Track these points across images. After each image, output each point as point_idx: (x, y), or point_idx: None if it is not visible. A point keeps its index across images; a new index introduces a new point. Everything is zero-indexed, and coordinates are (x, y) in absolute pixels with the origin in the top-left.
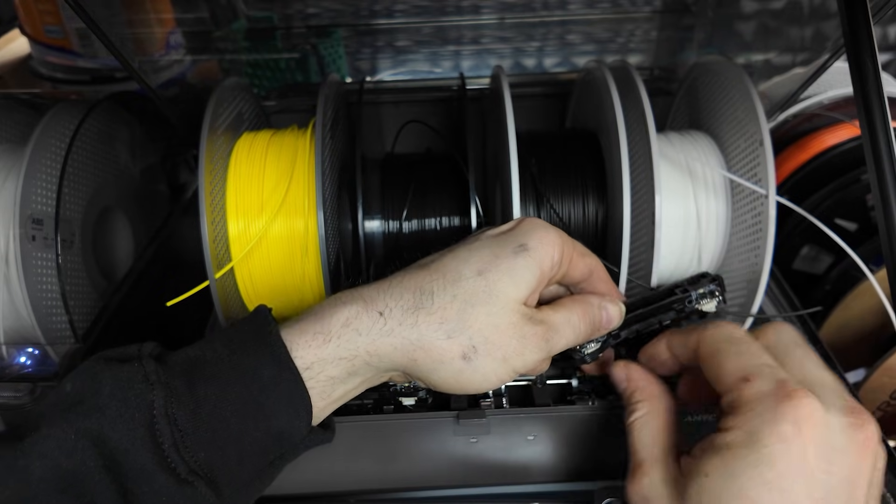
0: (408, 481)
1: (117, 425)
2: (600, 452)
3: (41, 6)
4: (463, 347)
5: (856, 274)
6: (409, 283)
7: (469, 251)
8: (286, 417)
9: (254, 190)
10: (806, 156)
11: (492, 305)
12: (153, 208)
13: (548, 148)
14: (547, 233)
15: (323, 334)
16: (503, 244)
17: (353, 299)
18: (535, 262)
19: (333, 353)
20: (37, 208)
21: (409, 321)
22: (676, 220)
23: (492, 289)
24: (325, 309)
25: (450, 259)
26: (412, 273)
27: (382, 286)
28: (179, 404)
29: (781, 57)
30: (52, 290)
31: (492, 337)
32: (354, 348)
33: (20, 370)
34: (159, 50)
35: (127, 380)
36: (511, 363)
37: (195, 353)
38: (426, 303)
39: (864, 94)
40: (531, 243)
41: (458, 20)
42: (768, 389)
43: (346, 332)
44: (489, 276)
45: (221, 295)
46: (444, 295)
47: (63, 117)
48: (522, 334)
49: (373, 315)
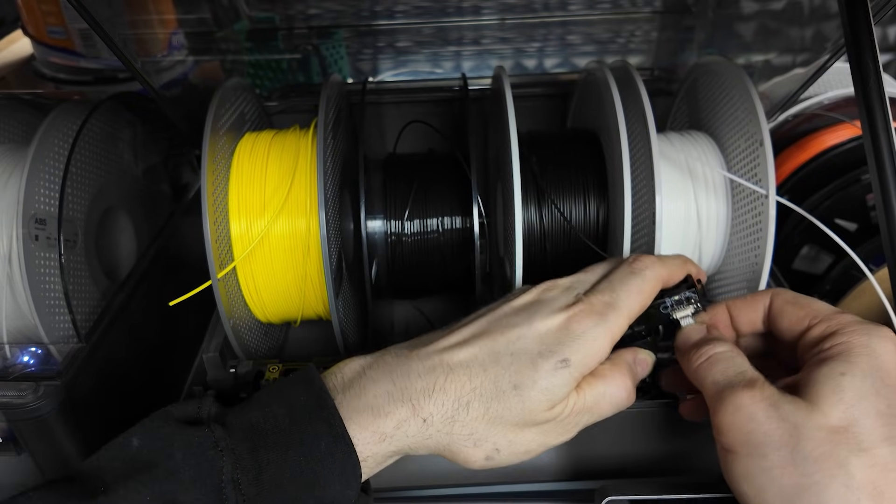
0: (408, 480)
1: (190, 490)
2: (601, 451)
3: (44, 7)
4: (486, 452)
5: (856, 274)
6: (450, 389)
7: (510, 350)
8: (339, 487)
9: (256, 190)
10: (806, 156)
11: (522, 417)
12: (156, 208)
13: (549, 148)
14: (595, 343)
15: (380, 434)
16: (546, 355)
17: (403, 399)
18: (574, 378)
19: (386, 450)
20: (40, 208)
21: (445, 430)
22: (677, 219)
23: (525, 405)
24: (381, 406)
25: (490, 355)
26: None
27: (428, 385)
28: (244, 470)
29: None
30: (55, 289)
31: (516, 439)
32: (401, 446)
33: (23, 369)
34: (162, 50)
35: (198, 445)
36: (534, 452)
37: (256, 419)
38: (461, 415)
39: (865, 95)
40: (574, 358)
41: (458, 21)
42: (858, 319)
43: (398, 433)
44: (524, 394)
45: (224, 295)
46: (478, 406)
47: (66, 117)
48: (546, 428)
49: (419, 422)
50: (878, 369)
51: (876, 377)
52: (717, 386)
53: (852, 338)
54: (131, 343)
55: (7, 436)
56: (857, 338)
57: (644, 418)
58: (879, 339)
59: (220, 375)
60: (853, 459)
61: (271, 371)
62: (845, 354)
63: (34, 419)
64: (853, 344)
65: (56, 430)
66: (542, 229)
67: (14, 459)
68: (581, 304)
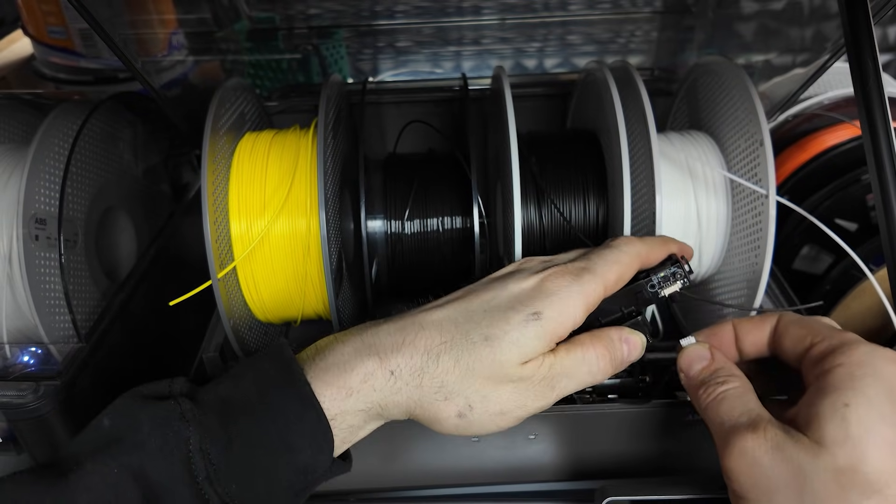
0: (409, 480)
1: (157, 461)
2: (601, 451)
3: (44, 7)
4: (458, 407)
5: (856, 274)
6: (420, 343)
7: (483, 308)
8: (311, 452)
9: (256, 190)
10: (806, 156)
11: (494, 374)
12: (156, 208)
13: (549, 148)
14: (568, 301)
15: (346, 389)
16: (518, 307)
17: (369, 353)
18: (547, 331)
19: (354, 406)
20: (40, 208)
21: (414, 382)
22: (677, 219)
23: (496, 357)
24: (348, 362)
25: (463, 314)
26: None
27: (397, 340)
28: (213, 440)
29: (781, 57)
30: (55, 289)
31: (490, 395)
32: (370, 402)
33: (23, 369)
34: (162, 50)
35: (164, 418)
36: (511, 414)
37: (225, 392)
38: (431, 366)
39: (865, 94)
40: (547, 312)
41: (458, 21)
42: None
43: (364, 387)
44: (495, 344)
45: (224, 295)
46: (448, 359)
47: (66, 117)
48: (522, 387)
49: (386, 374)
50: (884, 392)
51: (883, 401)
52: (723, 427)
53: (854, 357)
54: (131, 343)
55: (7, 436)
56: (860, 357)
57: (644, 418)
58: (883, 359)
59: None
60: (864, 502)
61: None
62: (848, 380)
63: (34, 419)
64: (855, 364)
65: (56, 430)
66: (542, 229)
67: (14, 459)
68: (556, 267)
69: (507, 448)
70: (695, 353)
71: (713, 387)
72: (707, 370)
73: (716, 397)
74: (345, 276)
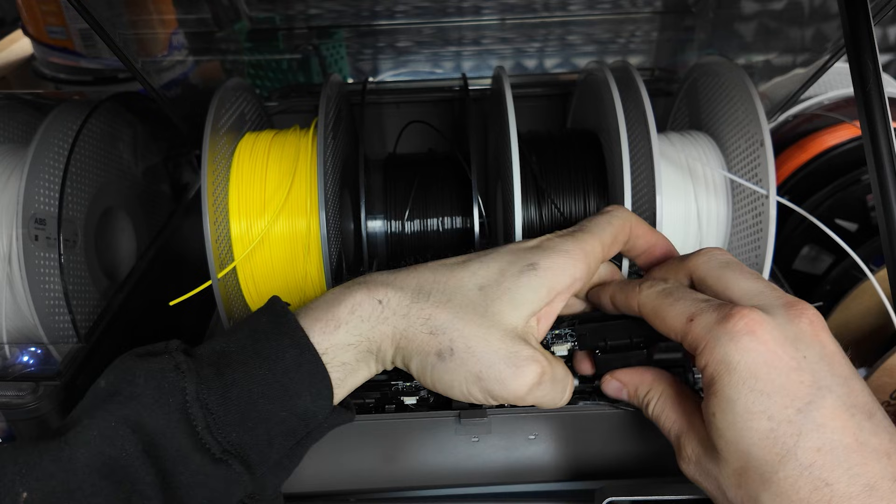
0: (409, 480)
1: (154, 411)
2: (601, 452)
3: (44, 7)
4: (440, 345)
5: (856, 274)
6: (412, 281)
7: (480, 263)
8: (310, 397)
9: (256, 190)
10: (806, 156)
11: (484, 321)
12: (155, 208)
13: (549, 148)
14: (566, 255)
15: (334, 321)
16: (515, 260)
17: (358, 286)
18: (543, 282)
19: (343, 340)
20: (40, 208)
21: (401, 312)
22: (677, 219)
23: (489, 307)
24: (336, 296)
25: (461, 269)
26: (422, 271)
27: (389, 278)
28: (209, 389)
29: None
30: (54, 289)
31: (475, 347)
32: (359, 334)
33: (23, 369)
34: (162, 51)
35: (159, 370)
36: (485, 383)
37: (220, 345)
38: (421, 300)
39: (865, 95)
40: (543, 262)
41: (459, 21)
42: (712, 318)
43: (353, 318)
44: (489, 292)
45: (224, 295)
46: (439, 296)
47: (66, 117)
48: (508, 356)
49: (373, 302)
50: (744, 383)
51: (745, 395)
52: (667, 437)
53: (710, 356)
54: (131, 343)
55: (6, 436)
56: (712, 353)
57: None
58: (732, 342)
59: None
60: (763, 494)
61: None
62: (710, 384)
63: (34, 419)
64: (711, 365)
65: None
66: (542, 229)
67: None
68: (554, 232)
69: (507, 448)
70: (610, 388)
71: (644, 409)
72: (631, 396)
73: (651, 417)
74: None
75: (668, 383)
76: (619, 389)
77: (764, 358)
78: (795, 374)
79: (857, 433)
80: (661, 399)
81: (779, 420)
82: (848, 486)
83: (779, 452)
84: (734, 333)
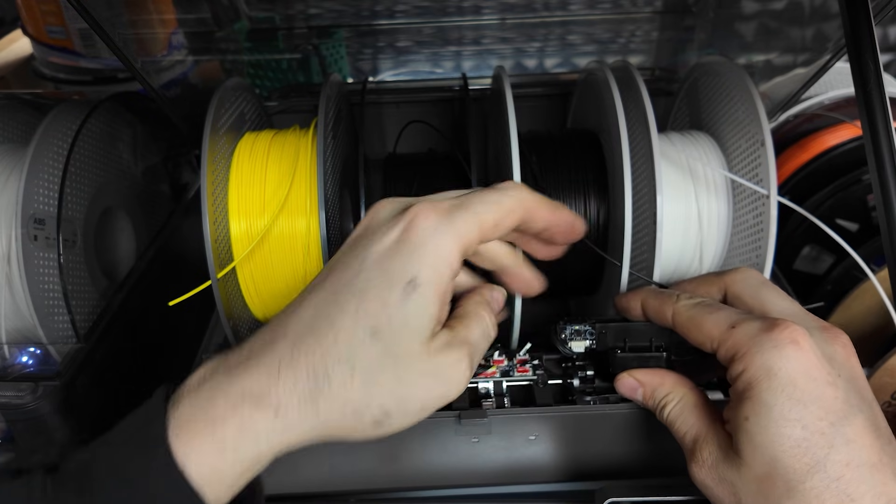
0: (409, 481)
1: None
2: (602, 452)
3: (44, 7)
4: (373, 418)
5: (857, 274)
6: (299, 361)
7: (352, 290)
8: None
9: (256, 190)
10: (807, 156)
11: (398, 367)
12: (155, 208)
13: (549, 148)
14: (441, 249)
15: (217, 444)
16: (390, 283)
17: (240, 399)
18: (430, 299)
19: (232, 463)
20: (39, 208)
21: (309, 412)
22: (678, 219)
23: (392, 350)
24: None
25: (333, 305)
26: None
27: (271, 367)
28: None
29: (782, 57)
30: (54, 289)
31: (405, 394)
32: (255, 455)
33: (22, 370)
34: (161, 50)
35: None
36: (434, 407)
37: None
38: (324, 388)
39: (866, 94)
40: (422, 274)
41: (459, 21)
42: (756, 326)
43: (243, 438)
44: (385, 336)
45: (223, 295)
46: (341, 371)
47: (65, 117)
48: (439, 373)
49: (267, 415)
50: (782, 389)
51: (782, 401)
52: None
53: (749, 362)
54: (130, 343)
55: (6, 436)
56: (753, 359)
57: (646, 419)
58: (776, 350)
59: None
60: (786, 502)
61: None
62: (747, 389)
63: (33, 419)
64: (751, 370)
65: (55, 431)
66: None
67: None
68: (420, 205)
69: (508, 449)
70: (625, 386)
71: (659, 411)
72: (647, 396)
73: (665, 420)
74: None
75: (689, 388)
76: (634, 388)
77: (804, 367)
78: (831, 389)
79: (881, 454)
80: (680, 403)
81: (812, 430)
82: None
83: (808, 462)
84: (779, 341)
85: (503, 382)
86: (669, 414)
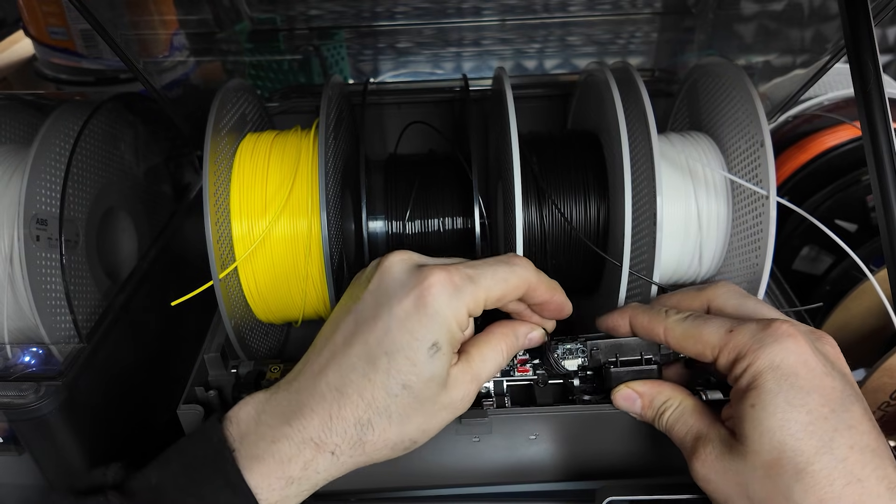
0: (410, 480)
1: None
2: (601, 452)
3: (45, 8)
4: (404, 447)
5: (856, 274)
6: (347, 414)
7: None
8: None
9: (257, 190)
10: (806, 157)
11: (424, 409)
12: (157, 209)
13: (550, 148)
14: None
15: (286, 478)
16: (416, 346)
17: (303, 444)
18: (449, 352)
19: (298, 491)
20: (41, 208)
21: (357, 452)
22: (677, 220)
23: (419, 397)
24: (281, 450)
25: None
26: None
27: (324, 418)
28: None
29: (782, 58)
30: (56, 289)
31: (429, 427)
32: (315, 483)
33: (24, 370)
34: (163, 51)
35: None
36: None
37: (156, 479)
38: (368, 434)
39: (865, 95)
40: (442, 338)
41: (459, 22)
42: (754, 327)
43: (307, 474)
44: (414, 389)
45: (225, 295)
46: (381, 421)
47: (67, 118)
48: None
49: (326, 456)
50: (786, 379)
51: (786, 388)
52: (682, 448)
53: (753, 358)
54: (133, 343)
55: (8, 436)
56: (756, 354)
57: None
58: (776, 343)
59: (222, 375)
60: (795, 486)
61: (272, 371)
62: (751, 380)
63: (35, 419)
64: (755, 364)
65: (57, 431)
66: (543, 230)
67: (15, 459)
68: (437, 272)
69: (508, 448)
70: (623, 398)
71: (658, 417)
72: (645, 405)
73: (664, 425)
74: (346, 276)
75: (686, 394)
76: (631, 400)
77: (803, 359)
78: (829, 379)
79: (879, 440)
80: (679, 407)
81: (816, 415)
82: (876, 485)
83: (815, 444)
84: (779, 335)
85: (504, 382)
86: (669, 418)
